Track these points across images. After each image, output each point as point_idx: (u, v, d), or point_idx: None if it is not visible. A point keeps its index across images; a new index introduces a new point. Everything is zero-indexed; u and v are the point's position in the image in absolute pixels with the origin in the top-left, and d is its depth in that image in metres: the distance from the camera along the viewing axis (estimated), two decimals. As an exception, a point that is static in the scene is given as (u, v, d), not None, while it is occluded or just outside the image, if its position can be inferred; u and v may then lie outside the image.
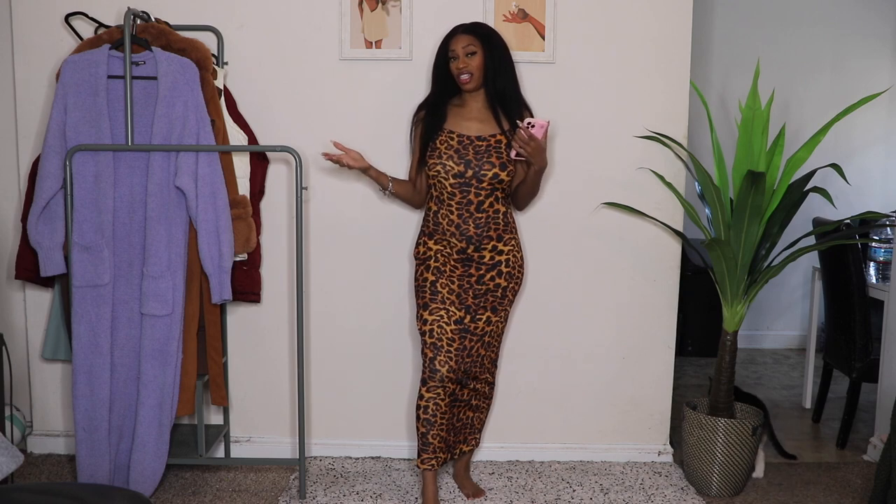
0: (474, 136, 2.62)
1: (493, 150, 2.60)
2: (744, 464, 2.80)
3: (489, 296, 2.64)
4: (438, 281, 2.62)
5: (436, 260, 2.64)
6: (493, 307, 2.66)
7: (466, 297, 2.65)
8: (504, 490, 2.83)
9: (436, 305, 2.60)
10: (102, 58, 2.57)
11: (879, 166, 4.89)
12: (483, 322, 2.65)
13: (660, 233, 3.00)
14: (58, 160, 2.59)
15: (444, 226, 2.63)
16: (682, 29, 2.93)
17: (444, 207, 2.62)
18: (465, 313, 2.64)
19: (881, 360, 3.19)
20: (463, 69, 2.58)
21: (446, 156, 2.59)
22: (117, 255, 2.62)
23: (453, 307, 2.62)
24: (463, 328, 2.63)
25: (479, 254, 2.63)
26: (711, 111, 2.98)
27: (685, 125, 2.97)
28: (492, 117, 2.64)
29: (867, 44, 4.79)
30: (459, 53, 2.58)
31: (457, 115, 2.67)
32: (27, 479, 2.83)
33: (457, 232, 2.61)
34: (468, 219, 2.61)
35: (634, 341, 3.07)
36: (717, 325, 2.98)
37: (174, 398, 2.65)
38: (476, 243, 2.61)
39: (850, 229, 3.42)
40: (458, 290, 2.64)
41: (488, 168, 2.57)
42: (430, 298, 2.61)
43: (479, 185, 2.58)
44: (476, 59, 2.58)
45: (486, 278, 2.63)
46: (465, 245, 2.62)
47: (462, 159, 2.58)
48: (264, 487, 2.83)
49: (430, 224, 2.68)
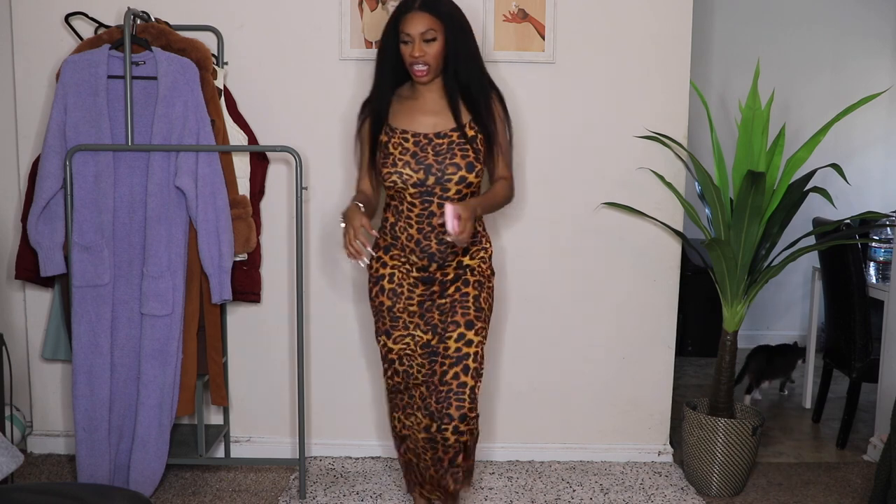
0: (432, 133, 2.22)
1: (457, 147, 2.20)
2: (744, 464, 2.80)
3: (458, 308, 2.24)
4: (396, 306, 2.29)
5: (390, 280, 2.29)
6: (467, 323, 2.23)
7: (431, 316, 2.29)
8: (504, 490, 2.83)
9: (398, 333, 2.30)
10: (102, 58, 2.57)
11: (879, 166, 4.89)
12: (454, 340, 2.22)
13: (660, 233, 3.00)
14: (58, 160, 2.59)
15: (402, 241, 2.26)
16: (682, 29, 2.93)
17: (403, 220, 2.25)
18: (433, 335, 2.28)
19: (881, 360, 3.19)
20: (418, 59, 2.16)
21: (402, 162, 2.20)
22: (117, 255, 2.62)
23: (418, 330, 2.29)
24: (430, 351, 2.28)
25: (443, 271, 2.27)
26: (711, 111, 2.98)
27: (685, 125, 2.97)
28: (450, 110, 2.24)
29: (867, 44, 4.78)
30: (415, 38, 2.15)
31: (408, 109, 2.27)
32: (27, 479, 2.83)
33: (417, 249, 2.24)
34: (430, 234, 2.22)
35: (634, 341, 3.07)
36: (717, 325, 2.98)
37: (174, 398, 2.65)
38: (440, 261, 2.25)
39: (850, 229, 3.42)
40: (420, 309, 2.29)
41: (453, 171, 2.19)
42: (391, 325, 2.31)
43: (444, 193, 2.20)
44: (435, 47, 2.16)
45: (449, 290, 2.27)
46: (426, 263, 2.26)
47: (421, 164, 2.19)
48: (264, 487, 2.83)
49: (386, 236, 2.32)
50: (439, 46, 2.16)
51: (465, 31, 2.21)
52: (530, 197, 2.98)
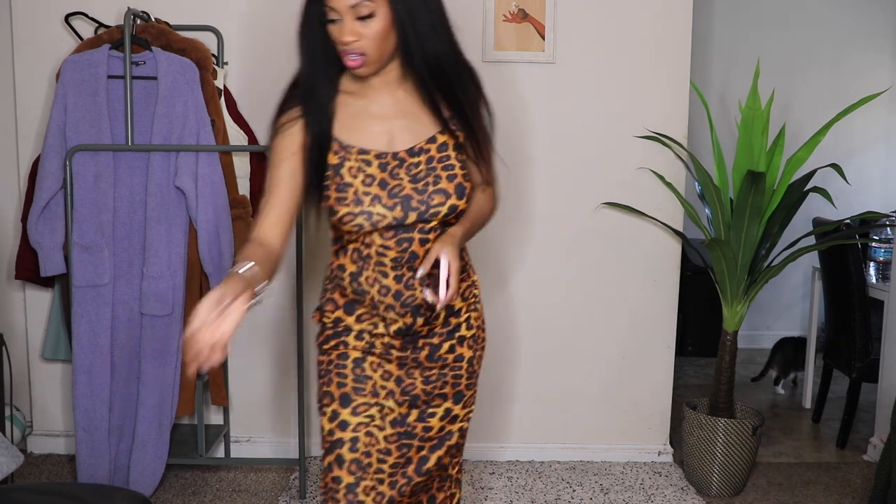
0: (402, 149, 1.54)
1: (440, 165, 1.54)
2: (744, 464, 2.79)
3: (449, 376, 1.63)
4: (366, 360, 1.59)
5: (358, 337, 1.60)
6: (456, 395, 1.64)
7: (413, 383, 1.62)
8: (504, 490, 2.83)
9: (363, 400, 1.57)
10: (102, 58, 2.57)
11: (879, 166, 4.89)
12: (439, 419, 1.64)
13: (660, 233, 3.00)
14: (58, 160, 2.59)
15: (372, 296, 1.56)
16: (682, 29, 2.93)
17: (371, 268, 1.55)
18: (410, 408, 1.62)
19: (881, 360, 3.19)
20: (350, 45, 1.44)
21: (369, 197, 1.50)
22: (117, 255, 2.62)
23: (391, 400, 1.60)
24: (405, 432, 1.61)
25: (431, 327, 1.62)
26: (711, 111, 2.98)
27: (685, 125, 2.97)
28: (422, 105, 1.55)
29: (867, 44, 4.78)
30: (343, 13, 1.43)
31: (359, 113, 1.55)
32: (27, 479, 2.83)
33: (396, 303, 1.55)
34: (411, 280, 1.55)
35: (634, 341, 3.07)
36: (717, 325, 2.98)
37: (174, 398, 2.65)
38: (427, 314, 1.58)
39: (850, 229, 3.42)
40: (399, 371, 1.61)
41: (440, 202, 1.52)
42: (355, 388, 1.57)
43: (427, 226, 1.53)
44: (374, 25, 1.43)
45: (441, 351, 1.62)
46: (410, 321, 1.57)
47: (395, 197, 1.51)
48: (264, 487, 2.83)
49: (345, 290, 1.61)
50: (382, 24, 1.43)
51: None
52: (530, 197, 2.98)
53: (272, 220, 1.54)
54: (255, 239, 1.52)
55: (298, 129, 1.53)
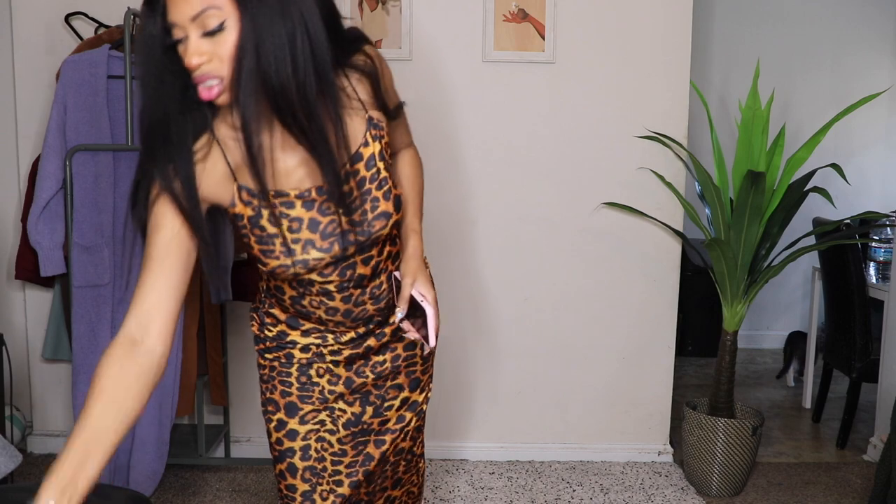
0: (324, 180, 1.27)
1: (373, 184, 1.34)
2: (744, 464, 2.79)
3: (402, 367, 1.54)
4: (312, 366, 1.48)
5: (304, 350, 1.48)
6: (412, 382, 1.55)
7: (363, 381, 1.50)
8: (504, 490, 2.83)
9: (310, 407, 1.48)
10: (102, 58, 2.57)
11: (879, 166, 4.88)
12: (396, 409, 1.54)
13: (660, 233, 3.00)
14: (58, 160, 2.59)
15: (319, 316, 1.43)
16: (682, 29, 2.93)
17: (314, 294, 1.40)
18: (363, 406, 1.51)
19: (881, 360, 3.19)
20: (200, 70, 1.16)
21: (300, 243, 1.32)
22: (117, 255, 2.62)
23: (341, 402, 1.50)
24: (360, 430, 1.51)
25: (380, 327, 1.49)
26: (711, 111, 2.98)
27: (685, 125, 2.97)
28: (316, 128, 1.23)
29: (867, 44, 4.78)
30: (185, 26, 1.15)
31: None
32: (27, 479, 2.83)
33: (346, 320, 1.44)
34: (362, 297, 1.42)
35: (634, 341, 3.07)
36: (717, 325, 2.98)
37: (174, 398, 2.65)
38: (379, 318, 1.47)
39: (850, 229, 3.42)
40: (347, 373, 1.49)
41: (382, 224, 1.36)
42: (300, 396, 1.48)
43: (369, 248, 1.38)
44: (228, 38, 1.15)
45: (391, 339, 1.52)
46: (362, 330, 1.47)
47: (330, 236, 1.33)
48: (264, 487, 2.83)
49: (285, 308, 1.46)
50: (234, 36, 1.15)
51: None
52: (530, 197, 2.98)
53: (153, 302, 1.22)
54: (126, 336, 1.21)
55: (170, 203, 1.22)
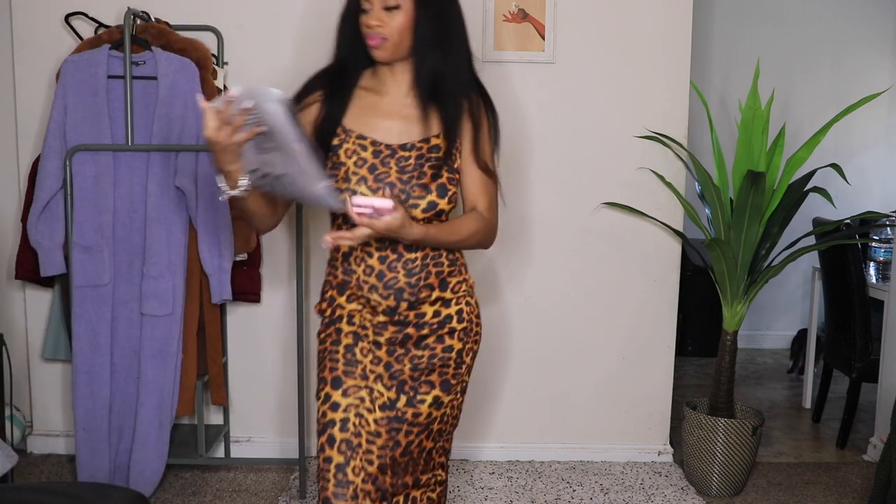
0: (396, 143, 1.70)
1: (427, 164, 1.69)
2: (744, 464, 2.80)
3: (437, 366, 1.75)
4: (357, 345, 1.72)
5: (350, 321, 1.74)
6: (444, 383, 1.75)
7: (401, 368, 1.73)
8: (504, 490, 2.83)
9: (353, 382, 1.69)
10: (102, 58, 2.57)
11: (879, 166, 4.89)
12: (428, 405, 1.74)
13: (660, 233, 3.00)
14: (58, 160, 2.59)
15: (359, 276, 1.71)
16: (682, 29, 2.93)
17: (359, 249, 1.71)
18: (399, 393, 1.72)
19: (881, 360, 3.19)
20: (375, 28, 1.65)
21: (356, 177, 1.66)
22: (117, 255, 2.62)
23: (380, 384, 1.72)
24: (395, 416, 1.71)
25: (417, 311, 1.73)
26: (711, 111, 2.98)
27: (685, 125, 2.97)
28: (421, 113, 1.72)
29: (867, 44, 4.78)
30: (374, 3, 1.65)
31: (369, 106, 1.73)
32: (27, 478, 2.83)
33: (379, 284, 1.69)
34: (396, 262, 1.69)
35: (634, 341, 3.07)
36: (717, 325, 2.98)
37: (174, 398, 2.65)
38: (410, 298, 1.71)
39: (850, 229, 3.42)
40: (388, 357, 1.73)
41: (420, 194, 1.67)
42: (345, 371, 1.70)
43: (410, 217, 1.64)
44: (398, 18, 1.64)
45: (429, 340, 1.74)
46: (393, 303, 1.70)
47: (380, 181, 1.67)
48: (264, 487, 2.83)
49: (337, 273, 1.77)
50: (404, 19, 1.64)
51: (443, 4, 1.69)
52: (530, 197, 2.98)
53: None
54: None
55: (315, 109, 1.74)
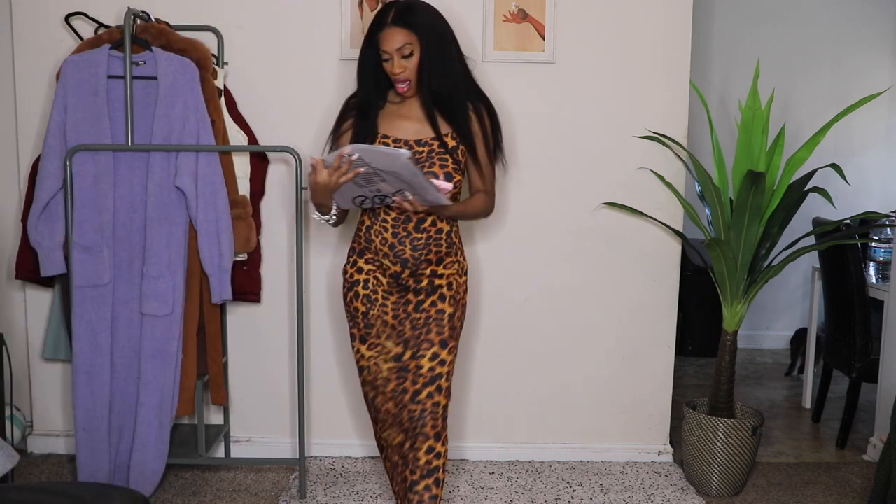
0: (412, 139, 2.23)
1: (436, 156, 2.21)
2: (744, 464, 2.80)
3: (433, 325, 2.24)
4: (370, 312, 2.27)
5: (364, 286, 2.28)
6: (441, 341, 2.23)
7: (403, 328, 2.26)
8: (504, 490, 2.83)
9: (373, 340, 2.28)
10: (102, 58, 2.57)
11: (879, 166, 4.89)
12: (429, 359, 2.22)
13: (660, 233, 3.00)
14: (58, 160, 2.59)
15: (376, 244, 2.25)
16: (682, 29, 2.93)
17: (379, 223, 2.24)
18: (405, 348, 2.25)
19: (881, 360, 3.19)
20: (399, 76, 2.17)
21: None
22: (117, 255, 2.62)
23: (390, 341, 2.26)
24: (402, 367, 2.24)
25: (416, 279, 2.26)
26: (711, 111, 2.98)
27: (685, 125, 2.97)
28: (432, 118, 2.23)
29: (867, 44, 4.78)
30: (393, 55, 2.15)
31: (393, 113, 2.28)
32: (27, 478, 2.83)
33: (390, 253, 2.23)
34: (405, 238, 2.22)
35: (634, 341, 3.07)
36: (717, 325, 2.98)
37: (174, 398, 2.65)
38: (412, 268, 2.24)
39: (850, 229, 3.42)
40: (394, 320, 2.27)
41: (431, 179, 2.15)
42: (366, 332, 2.29)
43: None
44: (414, 61, 2.16)
45: (425, 304, 2.25)
46: (399, 269, 2.25)
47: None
48: (264, 487, 2.83)
49: (361, 240, 2.30)
50: (417, 59, 2.16)
51: (442, 39, 2.18)
52: (530, 197, 2.98)
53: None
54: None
55: (349, 136, 2.28)
